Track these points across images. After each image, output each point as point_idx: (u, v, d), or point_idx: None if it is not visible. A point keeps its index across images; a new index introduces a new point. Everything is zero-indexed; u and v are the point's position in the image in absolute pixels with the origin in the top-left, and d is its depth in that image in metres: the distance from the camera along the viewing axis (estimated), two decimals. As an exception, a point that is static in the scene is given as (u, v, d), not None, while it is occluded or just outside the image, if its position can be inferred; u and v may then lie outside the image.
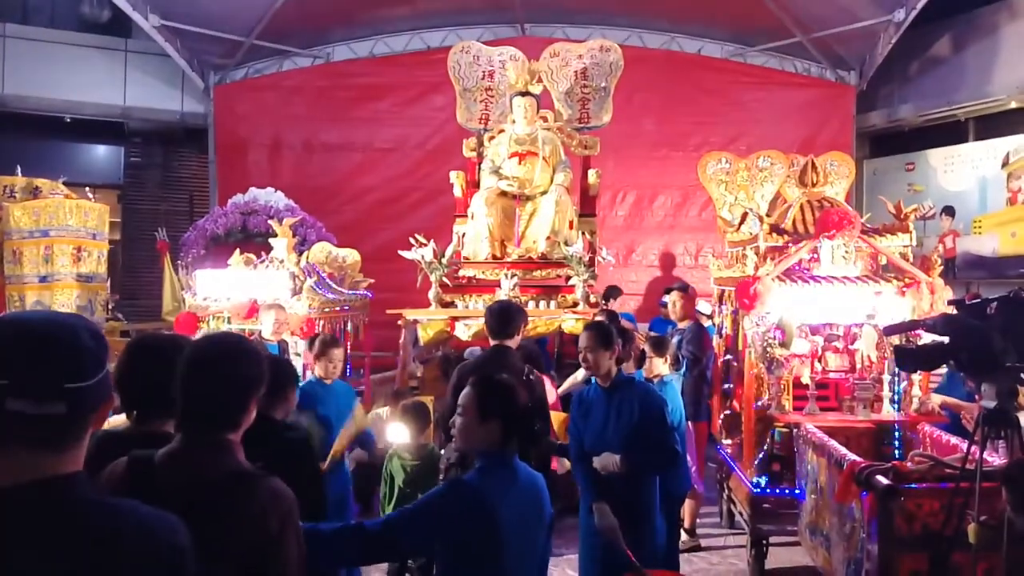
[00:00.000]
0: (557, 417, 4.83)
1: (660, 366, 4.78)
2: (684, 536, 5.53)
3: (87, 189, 8.31)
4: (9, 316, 1.28)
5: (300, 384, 3.62)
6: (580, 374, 5.36)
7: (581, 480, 3.62)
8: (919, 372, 4.79)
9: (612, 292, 8.12)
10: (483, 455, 2.32)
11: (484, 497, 2.19)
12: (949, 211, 10.47)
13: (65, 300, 7.13)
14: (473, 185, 7.48)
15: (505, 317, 3.96)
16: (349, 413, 4.21)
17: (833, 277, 4.95)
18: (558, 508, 4.50)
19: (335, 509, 3.57)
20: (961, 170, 10.53)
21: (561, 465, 4.62)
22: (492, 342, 4.00)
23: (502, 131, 7.34)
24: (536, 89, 7.23)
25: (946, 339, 3.10)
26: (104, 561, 1.19)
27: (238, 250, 6.82)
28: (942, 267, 5.06)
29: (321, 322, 6.28)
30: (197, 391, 1.74)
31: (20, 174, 7.69)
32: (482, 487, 2.22)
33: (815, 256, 5.03)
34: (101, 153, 12.15)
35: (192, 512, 1.45)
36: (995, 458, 3.45)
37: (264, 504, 1.66)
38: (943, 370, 5.05)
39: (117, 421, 2.75)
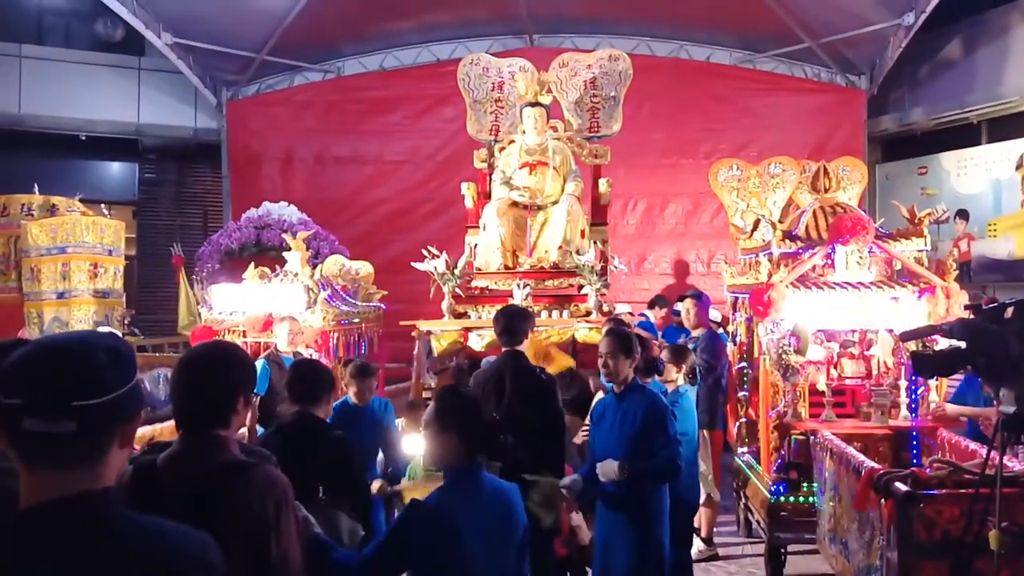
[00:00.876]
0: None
1: (675, 375, 4.75)
2: (701, 545, 5.50)
3: (102, 206, 8.43)
4: (36, 339, 1.32)
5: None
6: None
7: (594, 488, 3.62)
8: (936, 378, 4.76)
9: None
10: (449, 471, 2.30)
11: (444, 516, 2.17)
12: (963, 215, 10.40)
13: (82, 316, 7.21)
14: (484, 196, 7.51)
15: (511, 322, 3.97)
16: (383, 427, 4.30)
17: (848, 283, 4.93)
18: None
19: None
20: (975, 173, 10.46)
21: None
22: (503, 349, 4.01)
23: (512, 142, 7.36)
24: (546, 99, 7.26)
25: (963, 344, 3.08)
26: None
27: (253, 264, 6.87)
28: (957, 271, 5.03)
29: (336, 335, 6.31)
30: (188, 393, 1.87)
31: (37, 192, 7.81)
32: (441, 506, 2.20)
33: (829, 262, 5.02)
34: (116, 170, 12.29)
35: (193, 504, 1.59)
36: (1015, 463, 3.42)
37: (260, 489, 1.73)
38: (959, 376, 5.02)
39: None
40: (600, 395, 4.73)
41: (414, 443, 4.21)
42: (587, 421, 3.98)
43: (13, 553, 1.16)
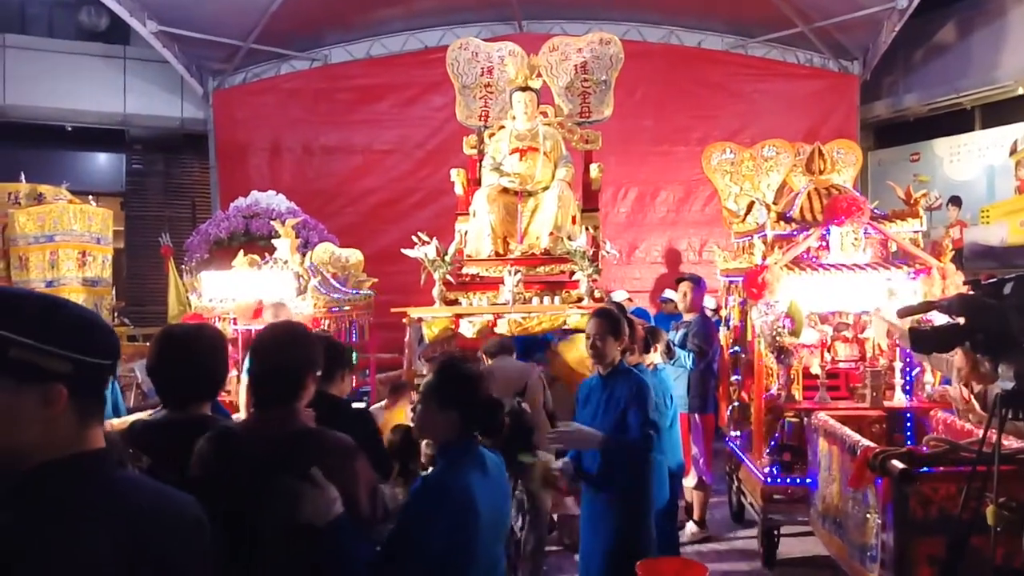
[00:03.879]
0: None
1: (652, 355, 4.71)
2: (694, 528, 5.48)
3: (90, 198, 8.31)
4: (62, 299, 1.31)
5: None
6: None
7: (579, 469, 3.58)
8: (928, 355, 4.72)
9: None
10: (444, 447, 2.23)
11: (461, 489, 2.09)
12: (956, 201, 10.38)
13: (70, 305, 7.12)
14: (474, 183, 7.43)
15: None
16: None
17: (843, 264, 4.90)
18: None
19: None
20: (968, 159, 10.45)
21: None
22: None
23: (502, 127, 7.28)
24: (536, 84, 7.17)
25: (961, 320, 3.04)
26: (148, 532, 1.20)
27: (242, 251, 6.80)
28: (953, 252, 5.00)
29: (326, 322, 6.24)
30: (265, 369, 2.12)
31: (24, 180, 7.71)
32: (456, 481, 2.12)
33: (824, 243, 4.98)
34: (103, 161, 12.16)
35: (273, 466, 1.89)
36: (1012, 440, 3.39)
37: (332, 451, 2.02)
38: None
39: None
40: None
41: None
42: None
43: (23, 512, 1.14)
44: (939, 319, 4.47)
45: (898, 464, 3.38)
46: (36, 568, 1.08)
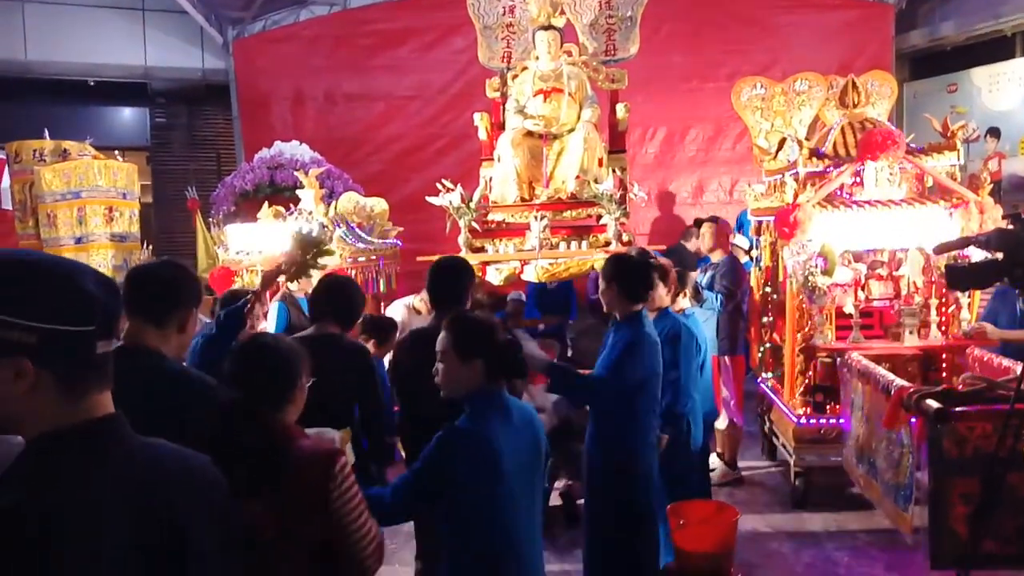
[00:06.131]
0: None
1: (681, 300, 4.58)
2: (724, 468, 5.50)
3: (116, 153, 8.34)
4: (45, 257, 1.24)
5: None
6: None
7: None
8: (970, 291, 4.63)
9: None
10: (470, 398, 2.25)
11: (482, 439, 2.15)
12: (994, 132, 10.02)
13: (101, 260, 7.22)
14: (498, 127, 7.31)
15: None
16: None
17: (878, 201, 4.77)
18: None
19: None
20: (1007, 88, 10.05)
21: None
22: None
23: (525, 69, 7.12)
24: (559, 22, 6.98)
25: (1000, 255, 2.96)
26: (158, 498, 1.17)
27: (267, 203, 6.80)
28: (992, 185, 4.83)
29: (353, 272, 6.25)
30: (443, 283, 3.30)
31: (48, 137, 7.73)
32: (479, 430, 2.17)
33: (858, 180, 4.84)
34: (126, 116, 12.16)
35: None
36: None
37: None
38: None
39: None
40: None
41: None
42: None
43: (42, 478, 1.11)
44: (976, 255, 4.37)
45: (933, 404, 3.34)
46: (41, 542, 1.05)
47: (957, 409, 3.30)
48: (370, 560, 1.92)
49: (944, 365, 4.85)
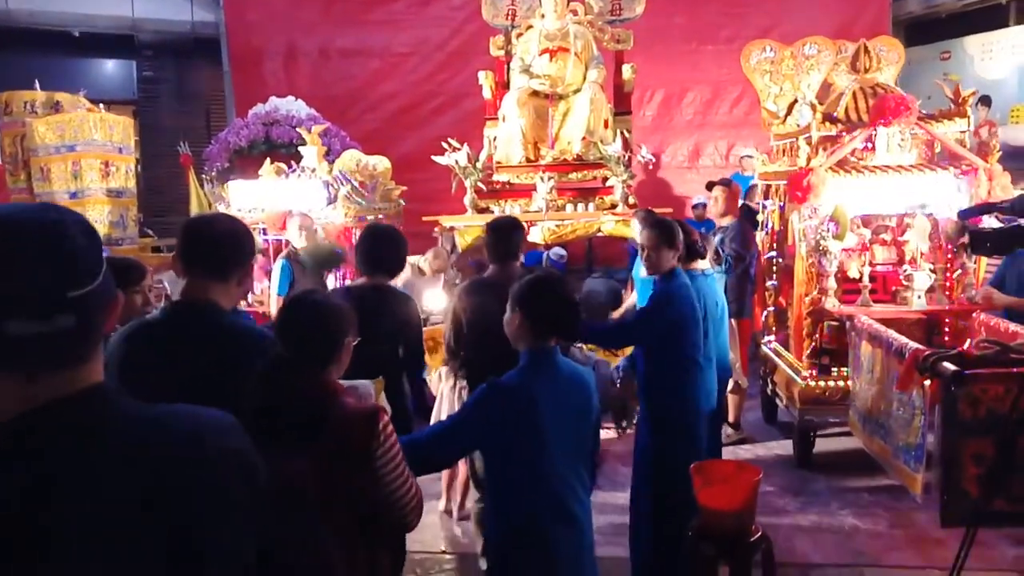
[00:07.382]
0: None
1: (702, 262, 4.65)
2: (729, 430, 5.60)
3: (101, 106, 8.14)
4: None
5: None
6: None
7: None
8: (992, 256, 4.70)
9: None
10: (525, 352, 2.30)
11: (522, 396, 2.18)
12: (985, 101, 10.07)
13: (97, 216, 7.10)
14: (502, 86, 7.25)
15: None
16: None
17: (888, 166, 4.81)
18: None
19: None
20: (999, 57, 10.10)
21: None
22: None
23: (531, 27, 7.05)
24: (566, -21, 6.90)
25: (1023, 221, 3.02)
26: (149, 475, 1.03)
27: (268, 159, 6.72)
28: (1000, 152, 4.89)
29: (358, 231, 6.22)
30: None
31: (39, 88, 7.54)
32: (520, 386, 2.21)
33: (870, 145, 4.87)
34: (113, 68, 11.85)
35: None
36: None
37: None
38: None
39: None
40: None
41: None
42: None
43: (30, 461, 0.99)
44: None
45: (950, 366, 3.41)
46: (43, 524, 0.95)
47: (972, 371, 3.38)
48: (411, 516, 1.97)
49: (947, 329, 4.94)
